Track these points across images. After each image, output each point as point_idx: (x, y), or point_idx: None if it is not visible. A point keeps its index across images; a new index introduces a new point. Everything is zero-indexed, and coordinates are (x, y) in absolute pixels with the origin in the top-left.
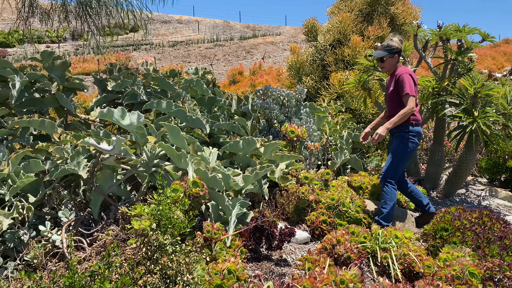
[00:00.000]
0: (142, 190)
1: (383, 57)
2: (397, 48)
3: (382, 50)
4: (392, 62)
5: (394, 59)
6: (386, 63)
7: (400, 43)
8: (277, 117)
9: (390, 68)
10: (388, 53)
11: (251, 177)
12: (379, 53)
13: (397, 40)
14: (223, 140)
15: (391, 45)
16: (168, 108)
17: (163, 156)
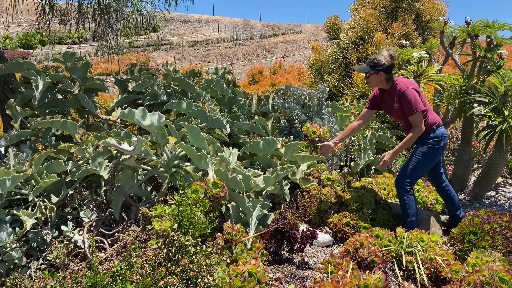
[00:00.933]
0: (163, 191)
1: (366, 73)
2: (384, 64)
3: (366, 65)
4: (377, 79)
5: (379, 76)
6: (370, 79)
7: (390, 59)
8: (298, 117)
9: (376, 84)
10: (370, 69)
11: (271, 178)
12: (361, 68)
13: (386, 55)
14: (243, 141)
15: (378, 60)
16: (188, 108)
17: (183, 157)
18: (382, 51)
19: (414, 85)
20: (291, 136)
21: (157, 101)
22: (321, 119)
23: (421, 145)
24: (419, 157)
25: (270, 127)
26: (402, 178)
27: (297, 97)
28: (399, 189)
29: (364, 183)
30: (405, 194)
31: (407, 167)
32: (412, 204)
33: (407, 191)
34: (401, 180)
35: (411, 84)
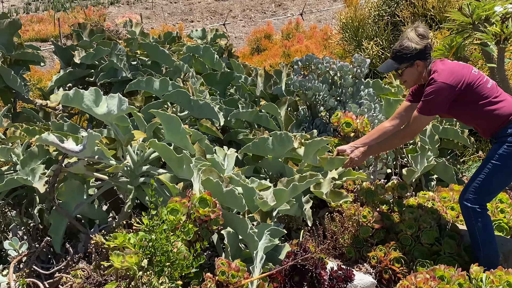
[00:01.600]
0: (125, 211)
1: (397, 70)
2: (415, 49)
3: (393, 59)
4: (414, 73)
5: (415, 67)
6: (405, 76)
7: (422, 39)
8: (325, 102)
9: (415, 80)
10: (403, 62)
11: (286, 192)
12: (388, 66)
13: (414, 37)
14: (243, 137)
15: (405, 47)
16: (162, 89)
17: (156, 161)
18: (406, 33)
19: (456, 77)
20: (315, 130)
21: (117, 79)
22: (358, 105)
23: (498, 146)
24: (495, 162)
25: (284, 117)
26: (469, 194)
27: (323, 72)
28: (465, 210)
29: (422, 199)
30: (474, 217)
31: (477, 178)
32: (488, 230)
33: (477, 213)
34: (467, 197)
35: (450, 75)
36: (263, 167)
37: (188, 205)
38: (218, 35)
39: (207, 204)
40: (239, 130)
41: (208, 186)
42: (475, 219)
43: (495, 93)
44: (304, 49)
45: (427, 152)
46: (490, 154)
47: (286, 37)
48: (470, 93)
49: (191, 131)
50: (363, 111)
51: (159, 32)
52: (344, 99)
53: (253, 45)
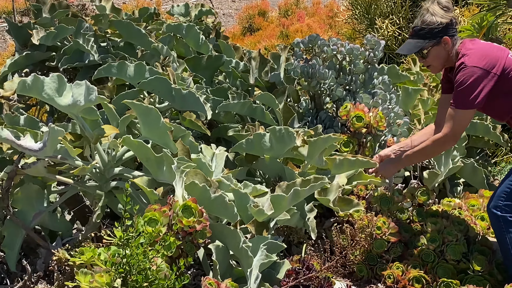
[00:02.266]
0: (94, 221)
1: (421, 50)
2: (441, 23)
3: (415, 39)
4: (441, 53)
5: (442, 46)
6: (431, 57)
7: (446, 12)
8: (331, 92)
9: (443, 62)
10: (428, 40)
11: (286, 198)
12: (411, 46)
13: (438, 10)
14: (235, 133)
15: (430, 22)
16: (138, 75)
17: (131, 161)
18: (427, 7)
19: (490, 60)
20: (319, 125)
21: (84, 63)
22: (371, 95)
23: None
24: None
25: (282, 109)
26: (499, 200)
27: (330, 56)
28: (495, 220)
29: (447, 207)
30: (505, 228)
31: (508, 181)
32: None
33: (510, 223)
34: (496, 204)
35: (483, 58)
36: (258, 169)
37: (169, 214)
38: (204, 11)
39: (192, 213)
40: (230, 125)
41: (193, 192)
42: (507, 230)
43: None
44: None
45: (452, 151)
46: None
47: (284, 15)
48: (507, 82)
49: (172, 126)
50: (377, 103)
51: (133, 7)
52: (354, 88)
53: (244, 24)
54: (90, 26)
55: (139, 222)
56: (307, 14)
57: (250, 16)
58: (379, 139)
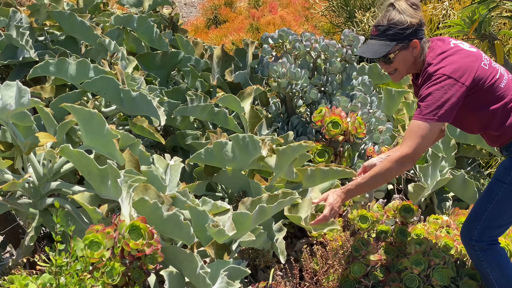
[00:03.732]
0: (27, 244)
1: (387, 55)
2: (411, 24)
3: (379, 40)
4: (408, 58)
5: (410, 50)
6: (398, 61)
7: (415, 10)
8: (304, 94)
9: (409, 67)
10: (395, 43)
11: (250, 216)
12: (374, 49)
13: (405, 8)
14: (193, 142)
15: (397, 22)
16: (80, 74)
17: (71, 174)
18: (392, 3)
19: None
20: (290, 132)
21: (17, 60)
22: (349, 97)
23: (510, 164)
24: (506, 186)
25: (248, 113)
26: (474, 227)
27: (302, 53)
28: (470, 250)
29: (434, 226)
30: (483, 257)
31: (481, 207)
32: (505, 270)
33: (485, 250)
34: (470, 231)
35: (452, 65)
36: (219, 182)
37: (114, 236)
38: (159, 1)
39: (141, 234)
40: (188, 131)
41: (143, 210)
42: (485, 259)
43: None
44: (279, 21)
45: (440, 161)
46: (499, 173)
47: (255, 5)
48: (477, 95)
49: (119, 133)
50: (356, 107)
51: None
52: (330, 90)
53: (209, 15)
54: (25, 17)
55: (76, 246)
56: (281, 4)
57: (216, 6)
58: (358, 148)
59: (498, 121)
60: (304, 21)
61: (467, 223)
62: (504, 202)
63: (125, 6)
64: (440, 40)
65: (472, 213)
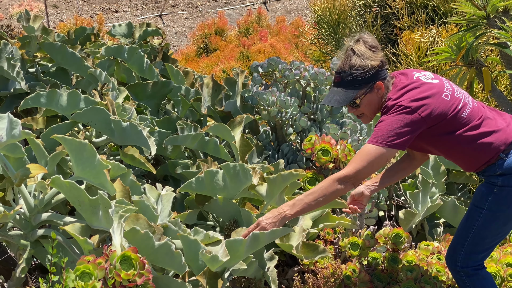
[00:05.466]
0: (18, 276)
1: (354, 101)
2: (371, 67)
3: (343, 87)
4: (375, 99)
5: (375, 92)
6: (364, 105)
7: (374, 52)
8: (294, 122)
9: (376, 109)
10: (359, 89)
11: (243, 243)
12: (343, 98)
13: (364, 50)
14: (184, 171)
15: (359, 66)
16: (71, 105)
17: (62, 205)
18: (352, 48)
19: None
20: (281, 160)
21: (8, 92)
22: (339, 125)
23: (487, 189)
24: (485, 211)
25: (239, 142)
26: (457, 254)
27: (292, 82)
28: (456, 276)
29: (425, 252)
30: (467, 281)
31: (462, 234)
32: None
33: (471, 275)
34: (455, 258)
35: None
36: (211, 211)
37: (106, 266)
38: (149, 31)
39: (132, 264)
40: (179, 161)
41: (134, 240)
42: (471, 284)
43: (479, 118)
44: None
45: (430, 188)
46: (477, 199)
47: (245, 33)
48: (441, 124)
49: (110, 164)
50: (346, 134)
51: (70, 26)
52: (320, 118)
53: (200, 44)
54: (16, 50)
55: (68, 277)
56: (271, 32)
57: (206, 35)
58: None
59: (464, 148)
60: (294, 49)
61: (451, 250)
62: (484, 227)
63: (115, 36)
64: (403, 75)
65: (454, 239)
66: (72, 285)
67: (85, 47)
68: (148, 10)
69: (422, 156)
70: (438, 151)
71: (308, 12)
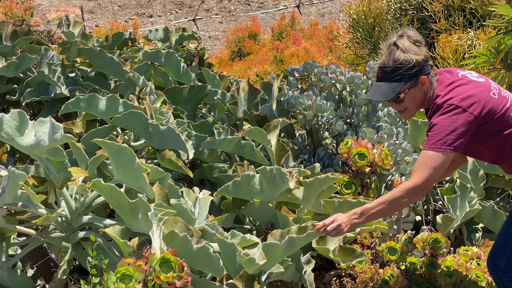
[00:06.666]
0: (59, 277)
1: (398, 95)
2: (417, 62)
3: (387, 82)
4: (419, 95)
5: (419, 88)
6: (408, 100)
7: (419, 47)
8: (330, 126)
9: (419, 104)
10: (404, 82)
11: (279, 246)
12: (387, 92)
13: (409, 45)
14: (220, 174)
15: (403, 61)
16: (110, 110)
17: (102, 208)
18: (396, 43)
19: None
20: (317, 163)
21: (49, 96)
22: (375, 129)
23: None
24: None
25: (275, 146)
26: (499, 258)
27: (328, 86)
28: (497, 279)
29: (464, 257)
30: (510, 286)
31: (504, 238)
32: None
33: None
34: (497, 262)
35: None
36: (247, 215)
37: (146, 269)
38: (185, 36)
39: (171, 267)
40: (215, 164)
41: (173, 243)
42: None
43: None
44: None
45: (469, 192)
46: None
47: (278, 37)
48: (486, 125)
49: (149, 167)
50: (382, 138)
51: (106, 31)
52: (356, 122)
53: (233, 48)
54: (56, 55)
55: (109, 279)
56: (304, 36)
57: (239, 39)
58: (385, 179)
59: (510, 148)
60: (328, 52)
61: (492, 255)
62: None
63: (152, 41)
64: (448, 72)
65: (496, 244)
66: (113, 286)
67: (122, 52)
68: (182, 14)
69: (461, 158)
70: (485, 149)
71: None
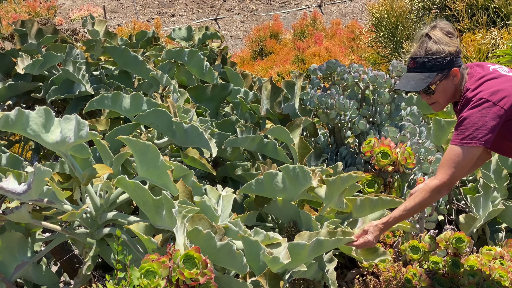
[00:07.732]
0: (84, 273)
1: (429, 87)
2: (448, 53)
3: (418, 72)
4: (450, 87)
5: (451, 79)
6: (439, 92)
7: (451, 38)
8: (353, 125)
9: (450, 97)
10: (436, 74)
11: (306, 247)
12: (419, 83)
13: (441, 36)
14: (243, 172)
15: (435, 51)
16: (134, 107)
17: (126, 205)
18: (428, 34)
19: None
20: (339, 162)
21: (74, 94)
22: (398, 128)
23: None
24: None
25: (298, 144)
26: None
27: (351, 85)
28: None
29: (487, 257)
30: None
31: None
32: None
33: None
34: None
35: (490, 89)
36: (270, 213)
37: (169, 265)
38: (208, 35)
39: (195, 264)
40: (238, 162)
41: (197, 240)
42: None
43: None
44: (324, 52)
45: (492, 192)
46: None
47: (300, 37)
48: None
49: (173, 165)
50: (405, 137)
51: (128, 30)
52: (378, 121)
53: (255, 47)
54: (81, 53)
55: (133, 274)
56: (326, 36)
57: (261, 38)
58: (408, 179)
59: None
60: (350, 52)
61: None
62: None
63: (175, 40)
64: (479, 66)
65: None
66: (137, 282)
67: (146, 50)
68: (203, 14)
69: (486, 154)
70: (507, 148)
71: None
